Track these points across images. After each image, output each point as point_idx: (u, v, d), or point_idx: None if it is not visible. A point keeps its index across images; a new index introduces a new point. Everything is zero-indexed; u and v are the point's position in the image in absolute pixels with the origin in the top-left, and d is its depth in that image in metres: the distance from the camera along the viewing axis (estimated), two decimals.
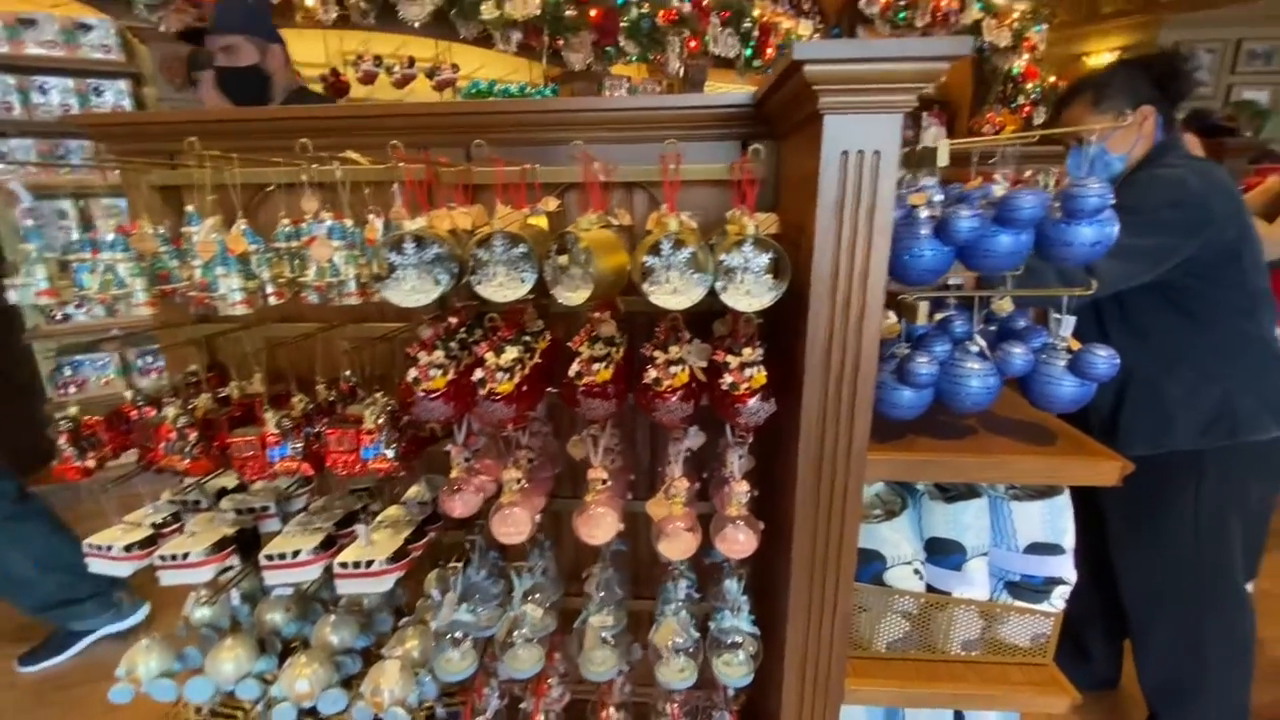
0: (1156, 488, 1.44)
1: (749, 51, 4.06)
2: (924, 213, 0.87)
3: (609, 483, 1.02)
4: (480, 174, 1.11)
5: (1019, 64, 5.62)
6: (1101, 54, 6.69)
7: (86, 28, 2.50)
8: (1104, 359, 0.88)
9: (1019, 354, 0.92)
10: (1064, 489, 1.12)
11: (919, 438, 1.02)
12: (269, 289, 0.94)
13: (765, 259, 0.83)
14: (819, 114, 0.74)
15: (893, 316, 1.04)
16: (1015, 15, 5.30)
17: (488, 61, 3.42)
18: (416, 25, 2.95)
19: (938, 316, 1.04)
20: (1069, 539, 1.10)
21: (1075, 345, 0.93)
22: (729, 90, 4.63)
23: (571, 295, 0.84)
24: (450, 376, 0.90)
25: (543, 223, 1.05)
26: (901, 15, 4.55)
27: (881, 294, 0.80)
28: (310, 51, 3.09)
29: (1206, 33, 6.15)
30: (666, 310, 0.84)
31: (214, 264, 0.90)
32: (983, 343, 0.94)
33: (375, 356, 1.23)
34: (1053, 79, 5.85)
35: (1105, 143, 1.44)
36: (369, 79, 3.20)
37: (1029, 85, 5.74)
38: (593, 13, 3.32)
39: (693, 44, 3.77)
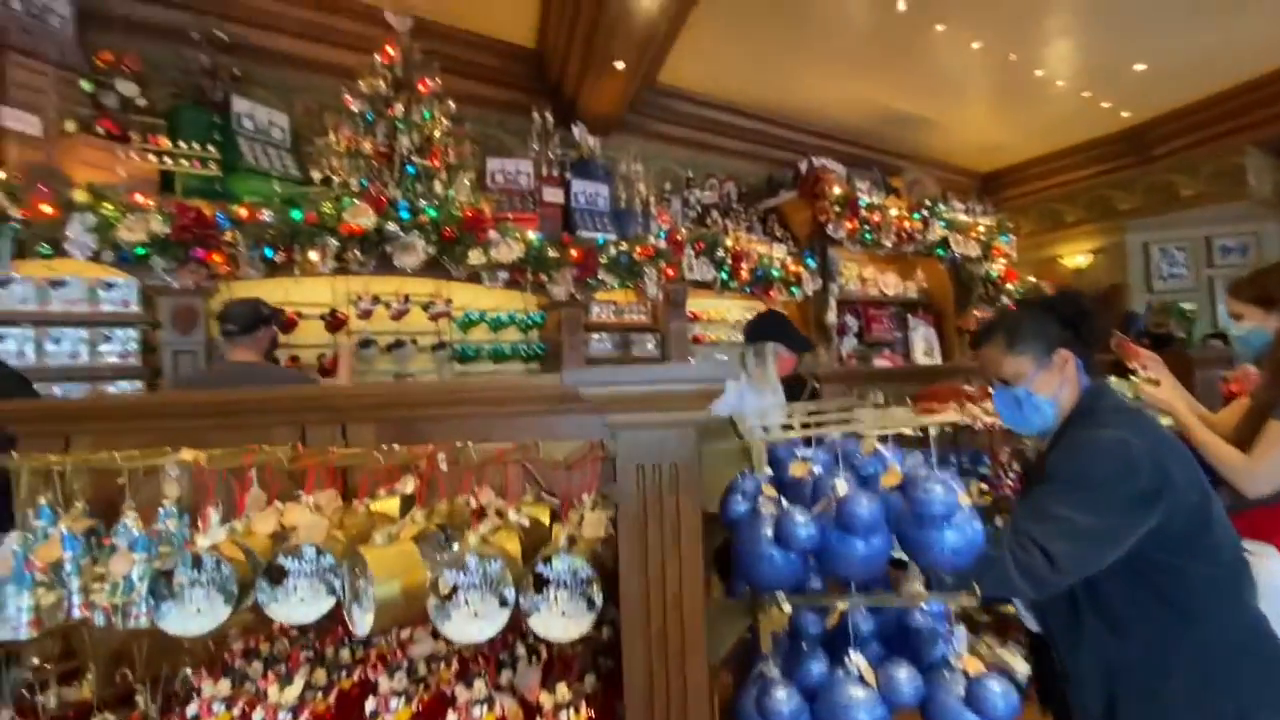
0: None
1: (724, 274, 4.37)
2: (765, 509, 0.79)
3: None
4: (344, 456, 1.08)
5: (995, 268, 5.94)
6: (1074, 255, 7.07)
7: (110, 286, 2.81)
8: (1000, 694, 0.72)
9: (905, 680, 0.77)
10: None
11: None
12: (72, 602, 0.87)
13: (589, 572, 0.74)
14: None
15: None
16: (981, 229, 5.72)
17: (480, 294, 3.73)
18: (410, 271, 3.27)
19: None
20: None
21: (974, 667, 0.77)
22: (710, 309, 4.94)
23: (359, 621, 0.74)
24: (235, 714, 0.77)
25: (390, 508, 0.99)
26: (868, 236, 4.94)
27: (701, 626, 0.69)
28: (317, 292, 3.41)
29: (1174, 233, 6.51)
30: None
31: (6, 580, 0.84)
32: (863, 663, 0.79)
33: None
34: (1033, 279, 6.13)
35: (1030, 385, 1.39)
36: (366, 315, 3.47)
37: (1010, 286, 6.00)
38: (574, 252, 3.67)
39: (670, 272, 4.08)
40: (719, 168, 5.52)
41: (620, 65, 3.92)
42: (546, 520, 0.93)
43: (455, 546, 0.83)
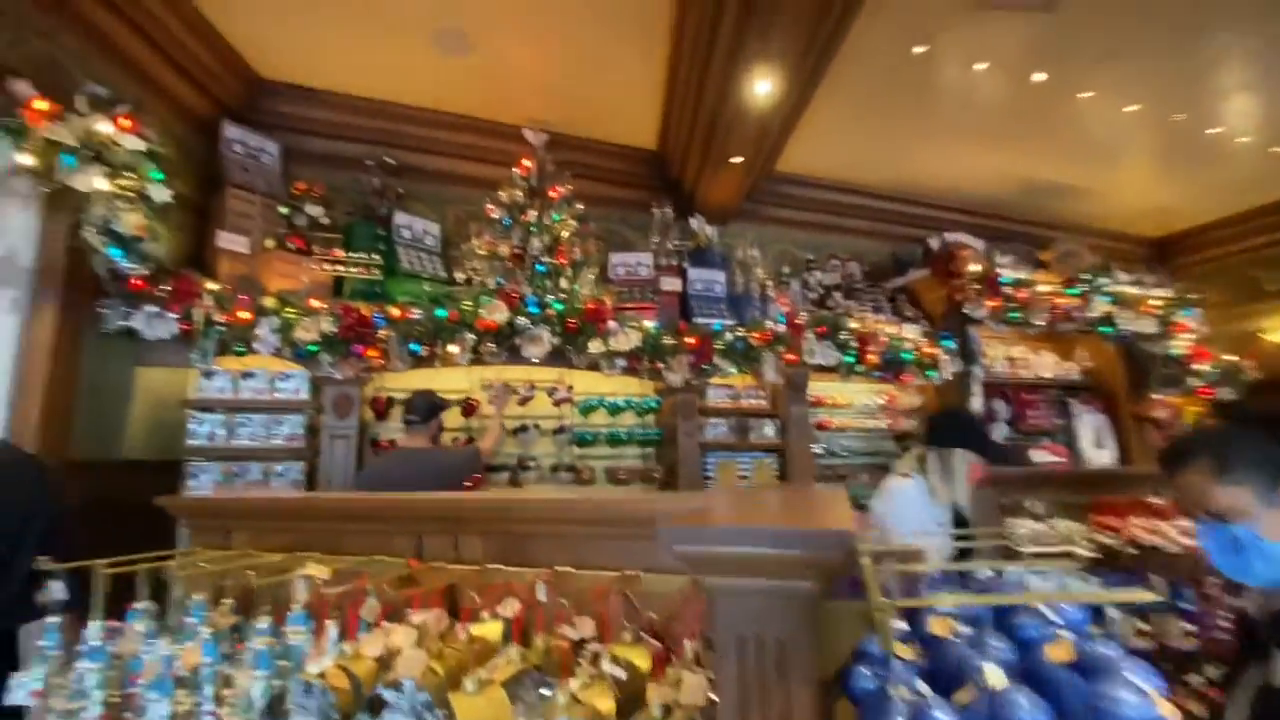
0: None
1: (850, 358, 4.16)
2: (897, 692, 0.66)
3: None
4: (450, 575, 1.10)
5: (1177, 346, 5.14)
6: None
7: (286, 377, 3.23)
8: None
9: None
10: None
11: None
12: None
13: None
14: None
15: None
16: (1156, 302, 5.02)
17: (599, 381, 3.84)
18: (535, 361, 3.46)
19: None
20: None
21: None
22: (836, 394, 4.70)
23: None
24: None
25: (492, 632, 0.97)
26: (1014, 315, 4.51)
27: None
28: (454, 380, 3.70)
29: None
30: None
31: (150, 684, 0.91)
32: None
33: None
34: (1231, 357, 5.22)
35: (1254, 525, 1.11)
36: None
37: (1200, 366, 5.14)
38: (689, 340, 3.69)
39: (790, 356, 3.96)
40: (840, 248, 5.39)
41: (737, 160, 4.03)
42: (646, 666, 0.86)
43: (548, 693, 0.78)
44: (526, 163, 3.82)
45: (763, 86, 3.30)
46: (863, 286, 4.92)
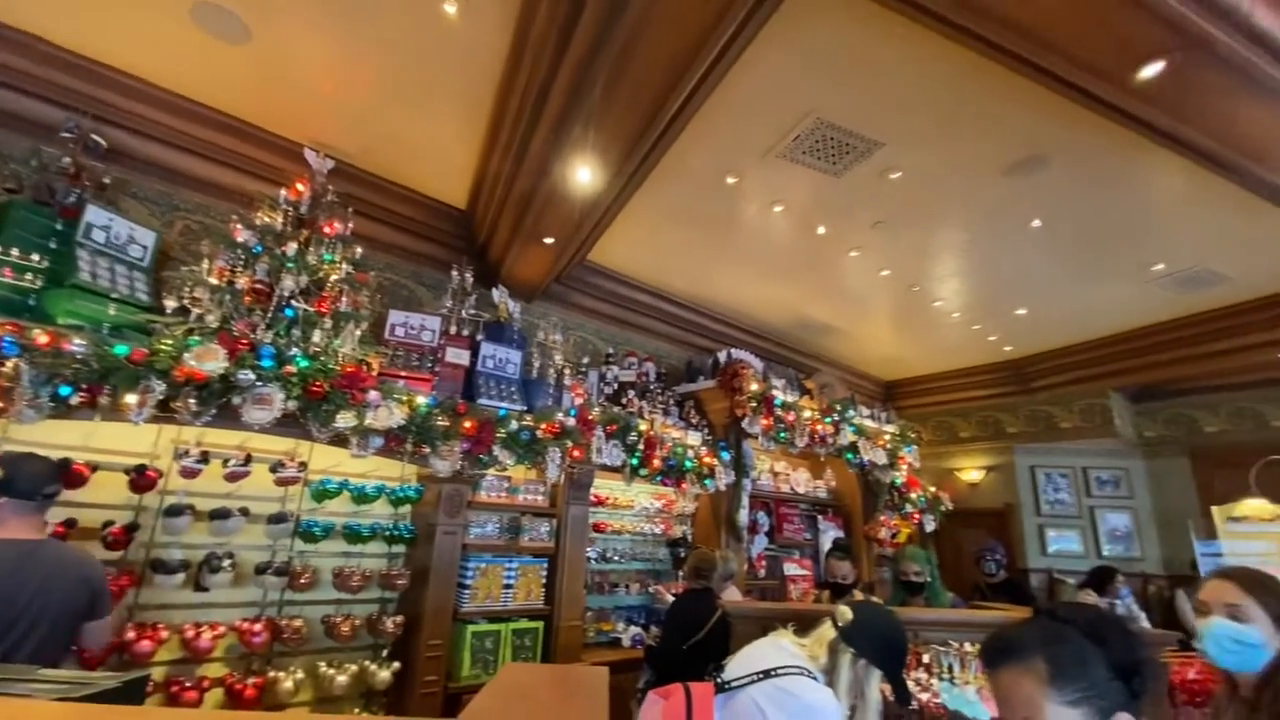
0: None
1: (635, 460, 4.03)
2: None
3: None
4: None
5: (899, 476, 5.96)
6: (970, 470, 7.33)
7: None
8: None
9: None
10: None
11: None
12: None
13: None
14: None
15: None
16: (887, 437, 5.82)
17: (345, 459, 3.14)
18: (256, 428, 2.69)
19: None
20: None
21: None
22: (618, 495, 4.51)
23: None
24: None
25: None
26: (782, 435, 4.84)
27: None
28: (128, 439, 2.72)
29: (1057, 460, 6.92)
30: None
31: None
32: None
33: None
34: (933, 489, 6.17)
35: None
36: (190, 474, 2.78)
37: (913, 494, 6.00)
38: (468, 423, 3.23)
39: (575, 453, 3.69)
40: (640, 346, 5.43)
41: (549, 241, 3.83)
42: None
43: None
44: (300, 186, 3.17)
45: (583, 174, 3.18)
46: (656, 388, 4.94)
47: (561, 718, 1.31)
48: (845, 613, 1.62)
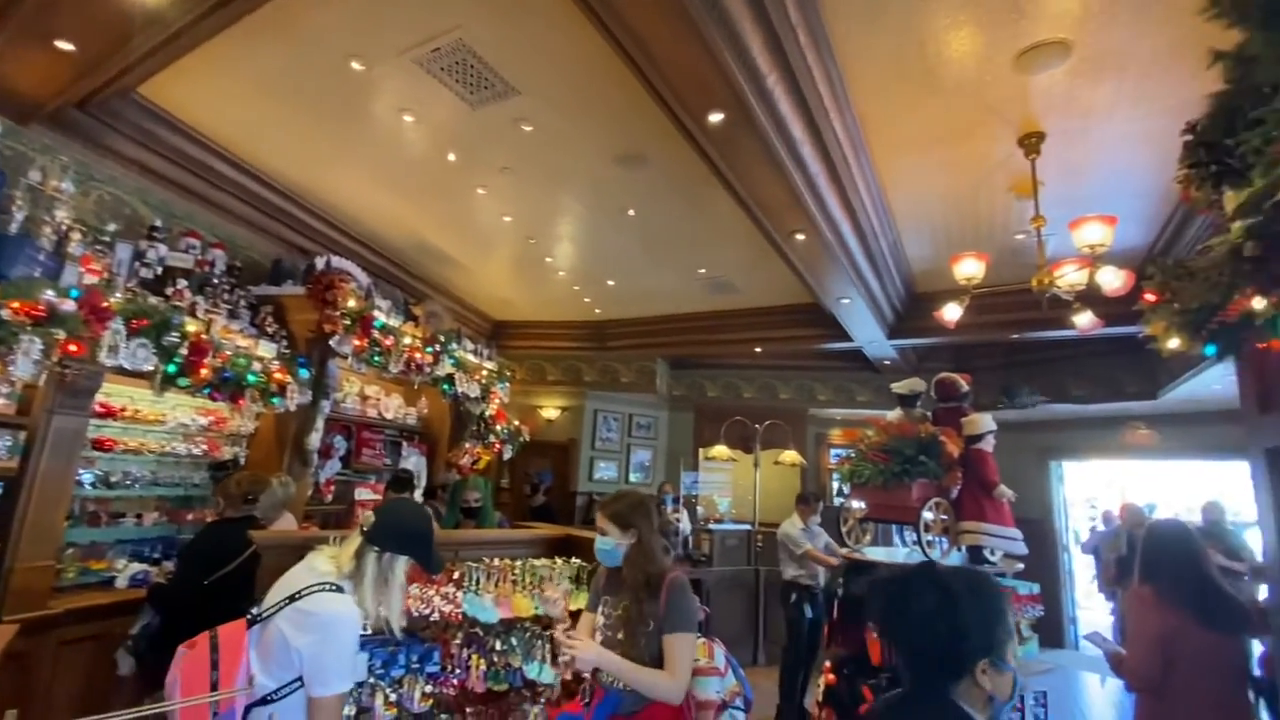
0: None
1: (172, 368, 3.26)
2: None
3: None
4: None
5: (489, 409, 6.38)
6: (549, 409, 8.34)
7: None
8: None
9: None
10: None
11: None
12: None
13: None
14: None
15: None
16: (485, 372, 6.14)
17: None
18: None
19: None
20: None
21: None
22: (146, 409, 3.59)
23: None
24: None
25: None
26: (376, 359, 4.61)
27: None
28: None
29: (613, 406, 8.41)
30: None
31: None
32: None
33: None
34: (517, 423, 6.82)
35: None
36: None
37: (499, 426, 6.51)
38: None
39: (72, 347, 2.78)
40: (208, 226, 4.37)
41: (67, 47, 2.71)
42: None
43: None
44: None
45: None
46: (225, 283, 4.06)
47: None
48: (369, 517, 1.68)
